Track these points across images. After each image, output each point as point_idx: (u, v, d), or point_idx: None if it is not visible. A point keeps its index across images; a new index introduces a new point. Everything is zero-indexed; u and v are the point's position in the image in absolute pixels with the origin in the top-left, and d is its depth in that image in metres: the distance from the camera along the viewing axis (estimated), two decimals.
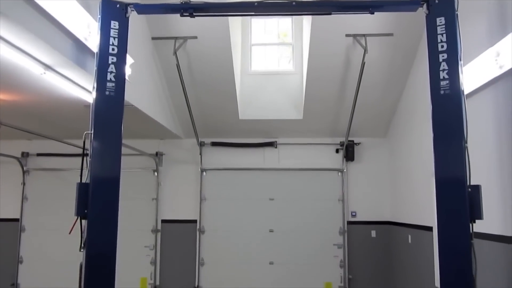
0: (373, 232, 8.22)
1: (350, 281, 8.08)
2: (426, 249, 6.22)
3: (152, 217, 8.33)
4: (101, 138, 3.96)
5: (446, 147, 3.85)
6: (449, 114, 3.88)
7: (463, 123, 3.80)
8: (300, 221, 8.18)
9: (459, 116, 3.83)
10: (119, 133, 4.06)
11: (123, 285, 7.67)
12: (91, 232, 3.81)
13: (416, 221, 6.75)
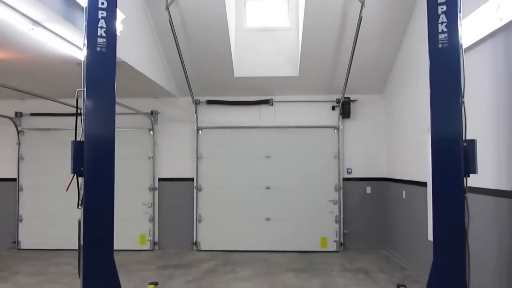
0: (368, 188, 8.33)
1: (345, 235, 8.27)
2: (420, 204, 6.33)
3: (149, 175, 8.38)
4: (94, 95, 3.91)
5: (443, 101, 3.82)
6: (447, 68, 3.83)
7: (460, 78, 3.76)
8: (296, 178, 8.26)
9: (457, 70, 3.78)
10: (112, 90, 4.00)
11: (122, 241, 7.89)
12: (88, 189, 3.82)
13: (410, 177, 6.83)
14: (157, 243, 8.36)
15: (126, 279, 6.11)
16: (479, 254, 4.33)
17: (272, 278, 6.30)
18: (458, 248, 3.73)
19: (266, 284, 6.00)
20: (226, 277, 6.40)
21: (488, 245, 4.29)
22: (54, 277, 6.35)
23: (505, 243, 4.01)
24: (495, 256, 4.18)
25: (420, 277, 6.22)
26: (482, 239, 4.36)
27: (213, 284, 5.98)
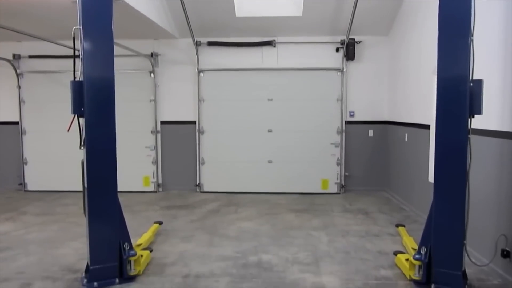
0: (371, 131, 8.32)
1: (346, 178, 8.37)
2: (422, 147, 6.34)
3: (151, 118, 8.36)
4: (91, 34, 3.81)
5: (451, 40, 3.71)
6: (457, 6, 3.68)
7: (470, 16, 3.62)
8: (298, 121, 8.23)
9: (467, 8, 3.63)
10: (109, 27, 3.88)
11: (127, 183, 8.03)
12: (89, 129, 3.82)
13: (413, 120, 6.79)
14: (161, 185, 8.50)
15: (131, 219, 6.26)
16: (479, 195, 4.38)
17: (274, 218, 6.45)
18: (458, 189, 3.77)
19: (268, 223, 6.16)
20: (229, 217, 6.55)
21: (488, 186, 4.32)
22: (61, 217, 6.51)
23: (505, 185, 4.05)
24: (495, 197, 4.23)
25: (419, 217, 6.35)
26: (483, 180, 4.39)
27: (216, 224, 6.14)
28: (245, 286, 3.97)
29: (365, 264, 4.56)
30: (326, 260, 4.68)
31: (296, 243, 5.27)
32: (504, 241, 4.00)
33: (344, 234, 5.64)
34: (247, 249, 5.02)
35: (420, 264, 3.96)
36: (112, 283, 3.95)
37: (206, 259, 4.69)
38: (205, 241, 5.34)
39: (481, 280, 4.10)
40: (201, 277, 4.19)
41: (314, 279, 4.13)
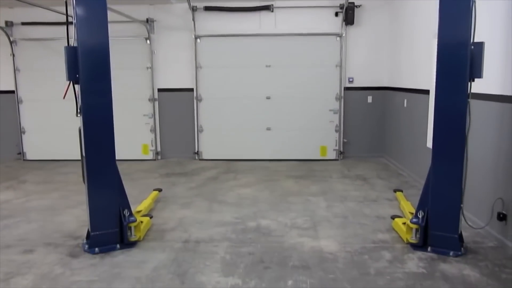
0: (370, 97, 8.27)
1: (345, 144, 8.38)
2: (421, 113, 6.31)
3: (148, 86, 8.28)
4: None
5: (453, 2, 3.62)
6: None
7: None
8: (297, 88, 8.16)
9: None
10: None
11: (125, 151, 8.03)
12: (85, 96, 3.77)
13: (413, 85, 6.73)
14: (160, 152, 8.51)
15: (131, 186, 6.28)
16: (477, 159, 4.39)
17: (273, 185, 6.49)
18: (456, 153, 3.78)
19: (267, 189, 6.20)
20: (228, 183, 6.59)
21: (487, 150, 4.33)
22: (61, 185, 6.55)
23: (504, 149, 4.04)
24: (493, 161, 4.24)
25: (416, 182, 6.39)
26: (481, 145, 4.38)
27: (215, 190, 6.18)
28: (244, 250, 4.03)
29: (363, 228, 4.62)
30: (324, 224, 4.74)
31: (294, 208, 5.32)
32: (500, 205, 4.04)
33: (342, 199, 5.69)
34: (246, 215, 5.07)
35: (417, 227, 4.01)
36: (113, 249, 4.00)
37: (205, 225, 4.74)
38: (204, 208, 5.39)
39: (477, 242, 4.16)
40: (201, 242, 4.25)
41: (312, 243, 4.19)
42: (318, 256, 3.88)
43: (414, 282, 3.39)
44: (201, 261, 3.80)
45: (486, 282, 3.38)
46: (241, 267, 3.66)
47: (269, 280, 3.43)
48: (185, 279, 3.45)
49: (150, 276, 3.50)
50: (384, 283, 3.37)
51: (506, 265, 3.67)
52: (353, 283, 3.39)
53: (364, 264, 3.72)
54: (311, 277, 3.48)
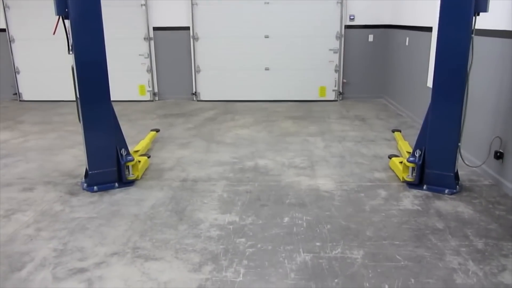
0: (371, 36, 8.04)
1: (344, 85, 8.26)
2: (423, 51, 6.15)
3: (143, 24, 8.02)
4: None
5: None
6: None
7: None
8: (296, 26, 7.91)
9: None
10: None
11: (122, 92, 7.95)
12: (76, 34, 3.64)
13: (415, 22, 6.51)
14: (157, 93, 8.41)
15: (129, 127, 6.29)
16: (477, 97, 4.33)
17: (271, 125, 6.46)
18: (457, 91, 3.71)
19: (265, 130, 6.18)
20: (226, 124, 6.56)
21: (488, 89, 4.25)
22: (59, 126, 6.52)
23: (505, 87, 3.97)
24: (493, 100, 4.18)
25: (415, 123, 6.37)
26: (482, 82, 4.30)
27: (213, 131, 6.16)
28: (241, 189, 4.07)
29: (360, 167, 4.64)
30: (322, 164, 4.76)
31: (292, 148, 5.33)
32: (498, 143, 4.03)
33: (340, 139, 5.69)
34: (243, 155, 5.08)
35: (414, 166, 4.02)
36: (112, 187, 4.04)
37: (203, 165, 4.76)
38: (202, 148, 5.39)
39: (472, 180, 4.20)
40: (199, 181, 4.29)
41: (309, 182, 4.23)
42: (314, 195, 3.93)
43: (409, 219, 3.45)
44: (199, 199, 3.85)
45: (479, 219, 3.44)
46: (238, 205, 3.71)
47: (265, 217, 3.49)
48: (183, 216, 3.51)
49: (148, 213, 3.56)
50: (379, 220, 3.43)
51: (500, 202, 3.73)
52: (348, 219, 3.45)
53: (359, 202, 3.77)
54: (307, 214, 3.54)
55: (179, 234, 3.21)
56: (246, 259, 2.88)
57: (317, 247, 3.03)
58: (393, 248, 3.02)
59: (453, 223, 3.37)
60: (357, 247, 3.03)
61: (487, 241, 3.11)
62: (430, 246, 3.04)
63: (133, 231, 3.26)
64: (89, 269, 2.77)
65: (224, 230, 3.27)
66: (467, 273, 2.72)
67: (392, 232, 3.24)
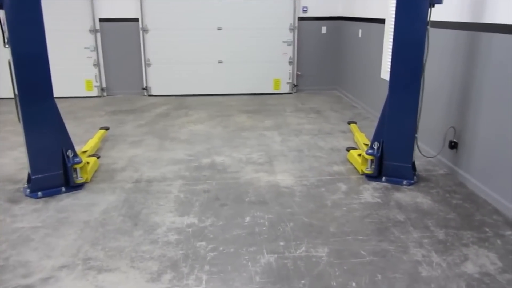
0: (324, 28, 8.04)
1: (298, 77, 8.23)
2: (375, 43, 6.20)
3: (88, 15, 7.57)
4: None
5: None
6: None
7: None
8: (249, 18, 7.76)
9: None
10: None
11: (67, 88, 7.51)
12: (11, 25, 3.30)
13: (368, 14, 6.55)
14: (105, 89, 8.00)
15: (75, 125, 5.92)
16: (431, 89, 4.38)
17: (226, 120, 6.30)
18: (413, 83, 3.71)
19: (220, 125, 6.02)
20: (179, 120, 6.33)
21: (442, 79, 4.31)
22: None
23: (458, 77, 4.03)
24: (447, 90, 4.24)
25: (369, 114, 6.42)
26: (436, 73, 4.36)
27: (166, 127, 5.92)
28: (198, 188, 3.90)
29: (318, 161, 4.59)
30: (280, 159, 4.67)
31: (249, 143, 5.20)
32: (452, 133, 4.10)
33: (297, 133, 5.63)
34: (199, 152, 4.90)
35: (373, 158, 4.01)
36: (58, 192, 3.75)
37: (157, 163, 4.54)
38: (156, 145, 5.15)
39: (428, 170, 4.25)
40: (153, 181, 4.07)
41: (269, 178, 4.12)
42: (274, 191, 3.83)
43: (370, 212, 3.42)
44: (154, 201, 3.64)
45: (437, 209, 3.47)
46: (196, 206, 3.54)
47: (226, 217, 3.35)
48: (138, 221, 3.30)
49: (100, 219, 3.31)
50: (341, 215, 3.38)
51: (456, 191, 3.78)
52: (310, 216, 3.37)
53: (320, 197, 3.71)
54: (269, 212, 3.43)
55: (135, 241, 3.00)
56: (207, 264, 2.72)
57: (281, 246, 2.93)
58: (357, 243, 2.97)
59: (414, 215, 3.37)
60: (321, 245, 2.95)
61: (448, 231, 3.13)
62: (393, 239, 3.02)
63: (84, 240, 3.02)
64: (35, 286, 2.52)
65: (182, 234, 3.10)
66: (432, 265, 2.72)
67: (355, 227, 3.19)
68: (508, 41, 3.31)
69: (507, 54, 3.31)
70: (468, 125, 3.88)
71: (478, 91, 3.70)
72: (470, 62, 3.80)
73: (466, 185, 3.90)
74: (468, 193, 3.75)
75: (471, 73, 3.79)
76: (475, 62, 3.73)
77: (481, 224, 3.22)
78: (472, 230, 3.13)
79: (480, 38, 3.66)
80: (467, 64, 3.85)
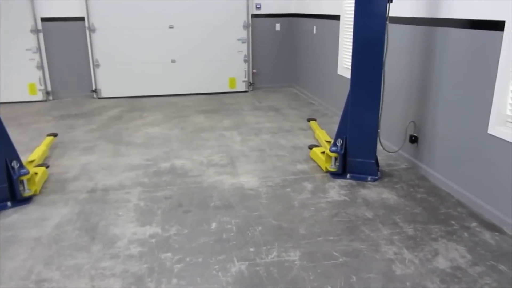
0: (278, 25, 7.98)
1: (254, 75, 8.13)
2: (331, 40, 6.20)
3: (28, 14, 7.07)
4: None
5: None
6: None
7: None
8: (201, 15, 7.56)
9: None
10: None
11: (9, 93, 7.01)
12: None
13: (322, 11, 6.54)
14: (51, 92, 7.54)
15: (20, 133, 5.51)
16: (392, 84, 4.40)
17: (183, 121, 6.09)
18: (374, 79, 3.69)
19: (177, 127, 5.80)
20: (133, 123, 6.05)
21: (401, 75, 4.34)
22: None
23: (416, 72, 4.06)
24: (406, 85, 4.27)
25: (327, 110, 6.42)
26: (395, 69, 4.38)
27: (120, 131, 5.63)
28: (159, 195, 3.70)
29: (281, 160, 4.50)
30: (242, 160, 4.54)
31: (209, 145, 5.04)
32: (413, 128, 4.13)
33: (256, 132, 5.52)
34: (157, 156, 4.68)
35: (336, 155, 3.97)
36: (4, 208, 3.43)
37: (113, 170, 4.28)
38: (110, 151, 4.87)
39: (390, 165, 4.27)
40: (110, 190, 3.82)
41: (232, 180, 3.99)
42: (239, 194, 3.70)
43: (338, 211, 3.37)
44: (113, 211, 3.41)
45: (404, 204, 3.47)
46: (158, 214, 3.35)
47: (191, 224, 3.18)
48: (96, 234, 3.06)
49: (52, 235, 3.05)
50: (310, 215, 3.30)
51: (419, 185, 3.81)
52: (278, 218, 3.27)
53: (287, 198, 3.62)
54: (235, 216, 3.30)
55: (93, 257, 2.77)
56: (175, 277, 2.55)
57: (251, 253, 2.80)
58: (329, 244, 2.90)
59: (381, 211, 3.35)
60: (292, 248, 2.85)
61: (416, 226, 3.12)
62: (364, 238, 2.98)
63: (36, 259, 2.75)
64: None
65: (146, 246, 2.90)
66: (404, 262, 2.69)
67: (325, 227, 3.12)
68: (464, 36, 3.35)
69: (463, 49, 3.35)
70: (427, 119, 3.92)
71: (436, 85, 3.74)
72: (428, 57, 3.84)
73: (428, 178, 3.94)
74: (431, 187, 3.79)
75: (429, 67, 3.83)
76: (433, 57, 3.77)
77: (447, 217, 3.25)
78: (439, 224, 3.14)
79: (437, 33, 3.70)
80: (425, 59, 3.89)
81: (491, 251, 2.80)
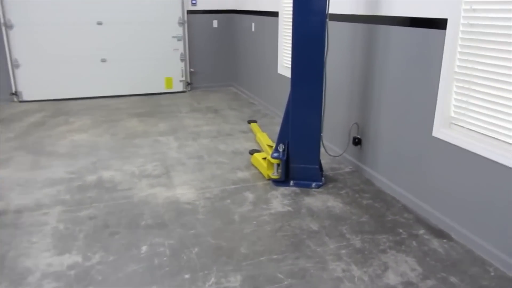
0: (215, 22, 7.64)
1: (192, 74, 7.75)
2: (271, 37, 5.97)
3: None
4: None
5: None
6: None
7: None
8: (132, 11, 7.06)
9: None
10: None
11: None
12: None
13: (260, 7, 6.29)
14: None
15: None
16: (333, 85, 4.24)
17: (114, 126, 5.62)
18: (315, 79, 3.48)
19: (107, 133, 5.33)
20: (57, 129, 5.49)
21: (342, 75, 4.17)
22: None
23: (357, 72, 3.91)
24: (348, 85, 4.11)
25: (268, 111, 6.19)
26: (336, 69, 4.21)
27: (41, 140, 5.07)
28: (82, 214, 3.27)
29: (221, 168, 4.20)
30: (178, 168, 4.19)
31: (142, 153, 4.63)
32: (356, 129, 3.98)
33: (194, 136, 5.18)
34: (83, 167, 4.21)
35: (279, 162, 3.73)
36: None
37: (29, 187, 3.77)
38: (28, 163, 4.33)
39: (334, 169, 4.10)
40: (24, 211, 3.33)
41: (167, 193, 3.63)
42: (174, 209, 3.35)
43: (282, 224, 3.12)
44: (25, 238, 2.94)
45: (350, 212, 3.29)
46: (80, 238, 2.93)
47: (117, 249, 2.80)
48: (3, 268, 2.60)
49: None
50: (251, 231, 3.03)
51: (364, 190, 3.66)
52: (217, 236, 2.97)
53: (227, 211, 3.32)
54: (169, 237, 2.95)
55: None
56: None
57: (187, 281, 2.48)
58: (273, 264, 2.64)
59: (327, 222, 3.15)
60: (233, 272, 2.57)
61: (363, 237, 2.94)
62: (310, 254, 2.75)
63: None
64: None
65: (62, 279, 2.49)
66: (353, 280, 2.49)
67: (268, 244, 2.86)
68: (406, 34, 3.22)
69: (406, 48, 3.22)
70: (370, 120, 3.77)
71: (378, 85, 3.60)
72: (369, 56, 3.69)
73: (373, 182, 3.80)
74: (376, 191, 3.65)
75: (371, 67, 3.68)
76: (374, 56, 3.62)
77: (394, 225, 3.10)
78: (387, 233, 2.99)
79: (378, 31, 3.55)
80: (366, 58, 3.74)
81: (441, 260, 2.67)
